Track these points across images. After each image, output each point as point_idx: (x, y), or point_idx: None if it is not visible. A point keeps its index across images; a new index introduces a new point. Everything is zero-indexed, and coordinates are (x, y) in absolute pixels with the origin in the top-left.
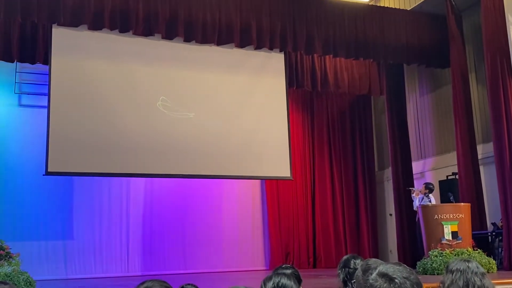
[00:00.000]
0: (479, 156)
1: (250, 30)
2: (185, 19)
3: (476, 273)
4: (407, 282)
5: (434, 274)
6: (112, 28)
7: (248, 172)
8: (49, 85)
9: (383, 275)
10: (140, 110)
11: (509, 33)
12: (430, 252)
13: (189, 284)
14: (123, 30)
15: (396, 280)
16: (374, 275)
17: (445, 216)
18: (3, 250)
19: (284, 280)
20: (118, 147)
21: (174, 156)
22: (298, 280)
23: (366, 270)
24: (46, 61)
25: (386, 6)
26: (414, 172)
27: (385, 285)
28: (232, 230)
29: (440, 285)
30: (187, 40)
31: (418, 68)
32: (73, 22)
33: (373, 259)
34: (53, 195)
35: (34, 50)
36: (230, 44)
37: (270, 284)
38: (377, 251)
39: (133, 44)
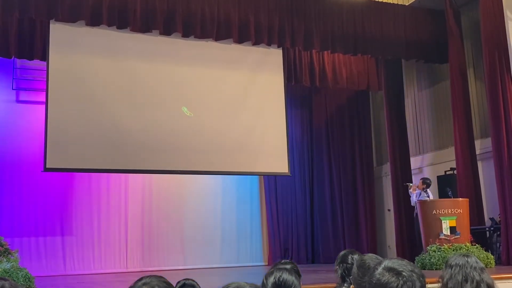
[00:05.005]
0: (477, 151)
1: (248, 26)
2: (183, 15)
3: (475, 268)
4: (414, 274)
5: (433, 269)
6: (110, 24)
7: (246, 168)
8: (47, 81)
9: (389, 269)
10: (138, 106)
11: (507, 29)
12: (428, 247)
13: (188, 280)
14: (121, 26)
15: (403, 273)
16: (380, 269)
17: (443, 211)
18: (2, 246)
19: (286, 275)
20: (116, 143)
21: (173, 152)
22: (298, 275)
23: (361, 266)
24: (44, 57)
25: (384, 1)
26: (412, 168)
27: (393, 279)
28: (231, 226)
29: (439, 280)
30: (185, 35)
31: (417, 64)
32: (70, 18)
33: (368, 254)
34: (52, 191)
35: (32, 46)
36: (229, 40)
37: (271, 279)
38: (376, 247)
39: (131, 40)
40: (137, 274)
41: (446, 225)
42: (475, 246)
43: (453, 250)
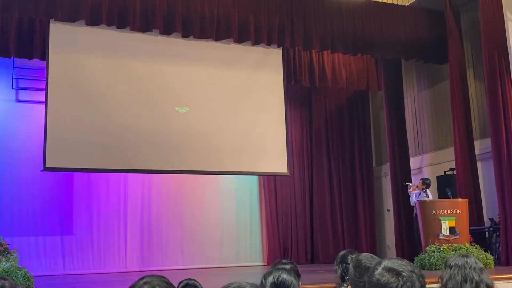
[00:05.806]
0: (477, 152)
1: (248, 26)
2: (183, 14)
3: (474, 268)
4: (413, 275)
5: (432, 270)
6: (109, 23)
7: (245, 168)
8: (46, 80)
9: (389, 269)
10: (138, 105)
11: (507, 29)
12: (427, 248)
13: (191, 280)
14: (121, 25)
15: (403, 274)
16: (379, 270)
17: (442, 212)
18: (1, 246)
19: (284, 275)
20: (115, 143)
21: (172, 152)
22: (297, 275)
23: (358, 266)
24: (44, 56)
25: (384, 1)
26: (411, 168)
27: (392, 279)
28: (230, 226)
29: (439, 280)
30: (185, 35)
31: (416, 64)
32: (70, 18)
33: (364, 254)
34: (51, 191)
35: (32, 46)
36: (228, 39)
37: (270, 279)
38: (375, 247)
39: (131, 40)
40: (136, 274)
41: (445, 225)
42: (475, 247)
43: (453, 251)
